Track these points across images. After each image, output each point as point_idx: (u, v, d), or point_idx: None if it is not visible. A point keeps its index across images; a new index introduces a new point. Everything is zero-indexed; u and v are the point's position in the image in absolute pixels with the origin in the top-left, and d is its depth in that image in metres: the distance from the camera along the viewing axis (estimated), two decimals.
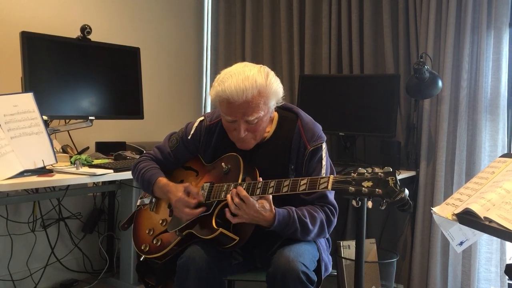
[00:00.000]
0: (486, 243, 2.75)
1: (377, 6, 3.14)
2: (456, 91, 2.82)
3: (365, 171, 1.50)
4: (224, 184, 1.76)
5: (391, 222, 3.10)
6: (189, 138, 1.93)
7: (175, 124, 2.65)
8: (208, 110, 3.94)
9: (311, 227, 1.72)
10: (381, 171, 1.47)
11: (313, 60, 3.41)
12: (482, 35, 2.70)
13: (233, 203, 1.66)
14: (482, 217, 1.33)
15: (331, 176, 1.54)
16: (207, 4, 3.92)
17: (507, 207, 1.32)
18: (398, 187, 1.43)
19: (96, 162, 2.48)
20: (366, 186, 1.47)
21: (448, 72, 2.80)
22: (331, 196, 1.81)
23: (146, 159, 2.01)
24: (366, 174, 1.49)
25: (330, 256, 1.91)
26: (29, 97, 2.26)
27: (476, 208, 1.36)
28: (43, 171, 2.16)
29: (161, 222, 1.92)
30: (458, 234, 1.60)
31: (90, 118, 2.80)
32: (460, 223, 1.44)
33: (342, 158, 3.14)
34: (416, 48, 2.98)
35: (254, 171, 1.78)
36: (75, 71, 2.74)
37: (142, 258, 1.89)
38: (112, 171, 2.32)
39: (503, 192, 1.37)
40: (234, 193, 1.66)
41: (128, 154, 2.72)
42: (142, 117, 3.07)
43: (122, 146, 2.92)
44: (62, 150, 2.74)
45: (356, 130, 2.99)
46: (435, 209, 1.54)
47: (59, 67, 2.68)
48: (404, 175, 2.83)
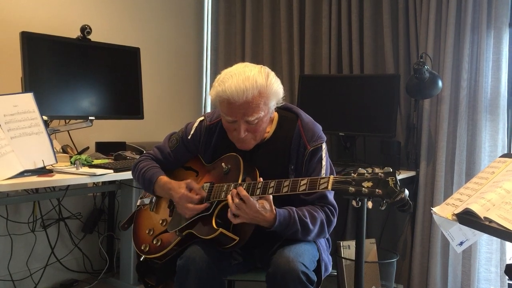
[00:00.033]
0: (486, 243, 2.75)
1: (377, 6, 3.14)
2: (456, 91, 2.82)
3: (365, 172, 1.50)
4: (224, 184, 1.76)
5: (391, 222, 3.10)
6: (189, 138, 1.93)
7: (175, 124, 2.65)
8: (208, 110, 3.94)
9: (311, 227, 1.72)
10: (381, 172, 1.47)
11: (313, 60, 3.41)
12: (482, 35, 2.70)
13: (233, 204, 1.66)
14: (482, 217, 1.33)
15: (331, 177, 1.54)
16: (207, 4, 3.92)
17: (507, 207, 1.32)
18: (398, 188, 1.43)
19: (96, 162, 2.48)
20: (366, 187, 1.47)
21: (448, 72, 2.80)
22: (331, 196, 1.81)
23: (146, 159, 2.01)
24: (366, 174, 1.49)
25: (330, 256, 1.91)
26: (29, 97, 2.26)
27: (476, 208, 1.36)
28: (43, 171, 2.16)
29: (161, 222, 1.92)
30: (458, 234, 1.60)
31: (90, 118, 2.80)
32: (460, 223, 1.44)
33: (342, 158, 3.14)
34: (416, 48, 2.98)
35: (254, 171, 1.78)
36: (75, 71, 2.74)
37: (142, 258, 1.89)
38: (112, 171, 2.33)
39: (503, 192, 1.37)
40: (235, 193, 1.66)
41: (128, 154, 2.72)
42: (142, 117, 3.07)
43: (122, 146, 2.92)
44: (62, 150, 2.74)
45: (356, 130, 2.99)
46: (435, 209, 1.54)
47: (59, 67, 2.68)
48: (404, 175, 2.83)
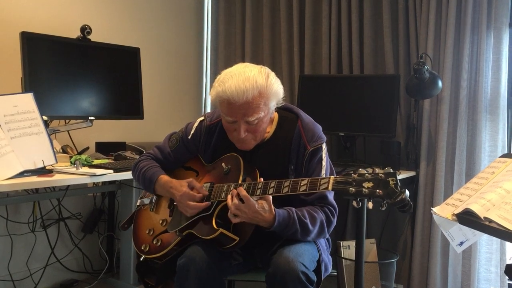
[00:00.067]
0: (486, 243, 2.75)
1: (377, 6, 3.14)
2: (456, 91, 2.82)
3: (365, 172, 1.49)
4: (225, 185, 1.76)
5: (391, 222, 3.10)
6: (189, 138, 1.93)
7: (175, 124, 2.65)
8: (208, 110, 3.94)
9: (311, 227, 1.72)
10: (381, 172, 1.47)
11: (313, 60, 3.41)
12: (482, 35, 2.70)
13: (232, 203, 1.66)
14: (482, 217, 1.33)
15: (332, 177, 1.54)
16: (207, 4, 3.92)
17: (507, 207, 1.32)
18: (398, 188, 1.43)
19: (96, 162, 2.48)
20: (366, 187, 1.47)
21: (448, 72, 2.80)
22: (331, 197, 1.81)
23: (146, 159, 2.01)
24: (367, 175, 1.49)
25: (330, 256, 1.91)
26: (29, 97, 2.26)
27: (476, 208, 1.36)
28: (43, 171, 2.16)
29: (161, 222, 1.92)
30: (458, 234, 1.60)
31: (90, 118, 2.80)
32: (460, 223, 1.44)
33: (342, 158, 3.14)
34: (416, 48, 2.98)
35: (254, 171, 1.78)
36: (75, 71, 2.74)
37: (142, 258, 1.89)
38: (112, 171, 2.33)
39: (503, 192, 1.37)
40: (235, 193, 1.66)
41: (128, 154, 2.72)
42: (142, 117, 3.07)
43: (122, 146, 2.92)
44: (62, 150, 2.74)
45: (356, 130, 2.99)
46: (435, 209, 1.54)
47: (59, 67, 2.68)
48: (404, 175, 2.83)
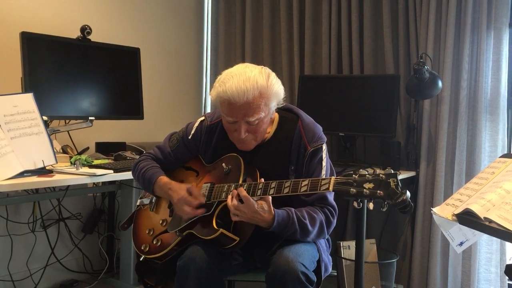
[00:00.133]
0: (486, 244, 2.75)
1: (377, 6, 3.14)
2: (456, 92, 2.82)
3: (366, 173, 1.49)
4: (225, 185, 1.76)
5: (391, 223, 3.10)
6: (189, 138, 1.93)
7: (175, 124, 2.65)
8: (208, 110, 3.94)
9: (310, 228, 1.72)
10: (382, 173, 1.47)
11: (313, 61, 3.41)
12: (482, 35, 2.70)
13: (232, 204, 1.65)
14: (482, 217, 1.33)
15: (333, 178, 1.54)
16: (207, 4, 3.92)
17: (507, 208, 1.32)
18: (399, 189, 1.42)
19: (96, 162, 2.48)
20: (367, 188, 1.46)
21: (448, 73, 2.80)
22: (331, 197, 1.81)
23: (147, 159, 2.01)
24: (368, 175, 1.48)
25: (330, 257, 1.91)
26: (29, 97, 2.26)
27: (476, 208, 1.36)
28: (43, 172, 2.16)
29: (161, 222, 1.92)
30: (458, 235, 1.60)
31: (90, 118, 2.79)
32: (460, 223, 1.44)
33: (342, 159, 3.14)
34: (416, 49, 2.98)
35: (255, 172, 1.78)
36: (75, 71, 2.74)
37: (142, 258, 1.89)
38: (112, 171, 2.33)
39: (503, 193, 1.37)
40: (235, 194, 1.66)
41: (128, 154, 2.72)
42: (142, 117, 3.07)
43: (122, 146, 2.92)
44: (62, 151, 2.73)
45: (356, 131, 2.99)
46: (435, 209, 1.54)
47: (59, 67, 2.68)
48: (404, 175, 2.83)
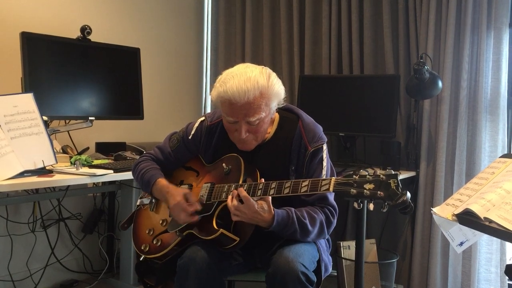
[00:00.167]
0: (486, 244, 2.75)
1: (377, 6, 3.14)
2: (456, 92, 2.82)
3: (366, 173, 1.49)
4: (225, 185, 1.76)
5: (391, 223, 3.10)
6: (189, 138, 1.93)
7: (175, 124, 2.65)
8: (208, 110, 3.94)
9: (310, 228, 1.72)
10: (382, 174, 1.47)
11: (313, 61, 3.41)
12: (482, 35, 2.70)
13: (232, 204, 1.65)
14: (482, 217, 1.34)
15: (333, 178, 1.54)
16: (207, 4, 3.92)
17: (507, 208, 1.32)
18: (400, 190, 1.42)
19: (96, 162, 2.48)
20: (367, 189, 1.46)
21: (448, 73, 2.80)
22: (331, 198, 1.81)
23: (147, 159, 2.01)
24: (368, 176, 1.48)
25: (330, 257, 1.91)
26: (29, 97, 2.26)
27: (476, 208, 1.36)
28: (43, 172, 2.16)
29: (161, 222, 1.92)
30: (458, 235, 1.60)
31: (90, 118, 2.79)
32: (460, 223, 1.44)
33: (342, 159, 3.14)
34: (416, 49, 2.98)
35: (255, 172, 1.78)
36: (75, 71, 2.74)
37: (142, 258, 1.89)
38: (112, 171, 2.33)
39: (503, 193, 1.37)
40: (235, 194, 1.66)
41: (128, 154, 2.71)
42: (142, 117, 3.07)
43: (122, 146, 2.92)
44: (62, 151, 2.73)
45: (356, 131, 2.99)
46: (435, 209, 1.54)
47: (59, 68, 2.68)
48: (404, 175, 2.82)
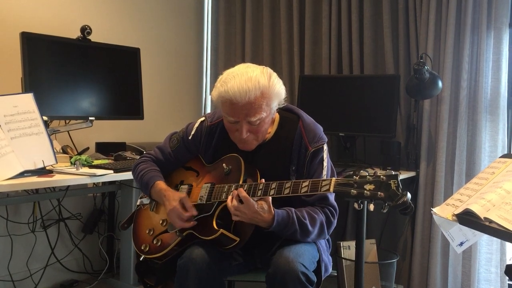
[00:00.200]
0: (486, 244, 2.75)
1: (377, 6, 3.14)
2: (456, 92, 2.82)
3: (367, 174, 1.49)
4: (225, 185, 1.76)
5: (391, 223, 3.10)
6: (189, 138, 1.93)
7: (175, 124, 2.65)
8: (208, 110, 3.94)
9: (310, 228, 1.72)
10: (383, 174, 1.47)
11: (313, 61, 3.41)
12: (482, 35, 2.70)
13: (231, 204, 1.65)
14: (482, 217, 1.34)
15: (333, 179, 1.54)
16: (207, 4, 3.92)
17: (507, 208, 1.32)
18: (400, 191, 1.42)
19: (96, 162, 2.47)
20: (368, 189, 1.46)
21: (448, 73, 2.80)
22: (332, 198, 1.81)
23: (147, 160, 2.01)
24: (368, 177, 1.48)
25: (330, 257, 1.91)
26: (29, 97, 2.26)
27: (476, 208, 1.36)
28: (43, 172, 2.16)
29: (161, 222, 1.92)
30: (458, 235, 1.60)
31: (90, 118, 2.79)
32: (460, 223, 1.44)
33: (342, 159, 3.14)
34: (416, 49, 2.98)
35: (255, 172, 1.78)
36: (75, 71, 2.74)
37: (142, 258, 1.89)
38: (112, 171, 2.33)
39: (503, 193, 1.37)
40: (235, 194, 1.66)
41: (128, 154, 2.71)
42: (142, 117, 3.07)
43: (122, 146, 2.92)
44: (62, 151, 2.74)
45: (356, 131, 2.99)
46: (435, 209, 1.54)
47: (59, 68, 2.68)
48: (404, 175, 2.82)
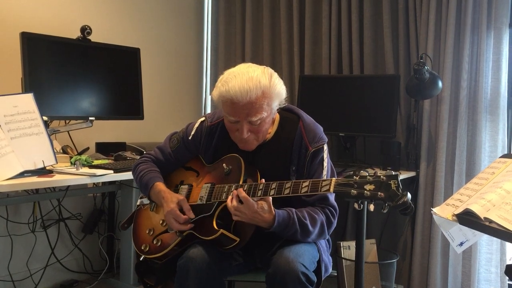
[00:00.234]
0: (486, 244, 2.75)
1: (377, 6, 3.14)
2: (456, 92, 2.82)
3: (367, 174, 1.49)
4: (225, 185, 1.76)
5: (391, 223, 3.10)
6: (189, 138, 1.93)
7: (175, 124, 2.65)
8: (208, 110, 3.95)
9: (311, 228, 1.72)
10: (383, 174, 1.47)
11: (313, 61, 3.41)
12: (482, 35, 2.70)
13: (231, 205, 1.65)
14: (482, 217, 1.34)
15: (333, 179, 1.54)
16: (207, 4, 3.92)
17: (507, 208, 1.32)
18: (400, 191, 1.42)
19: (96, 162, 2.48)
20: (368, 189, 1.46)
21: (448, 73, 2.80)
22: (332, 198, 1.81)
23: (147, 161, 2.01)
24: (368, 177, 1.48)
25: (330, 257, 1.91)
26: (29, 97, 2.26)
27: (476, 208, 1.36)
28: (43, 172, 2.16)
29: (161, 222, 1.91)
30: (458, 235, 1.60)
31: (90, 118, 2.79)
32: (460, 223, 1.44)
33: (342, 159, 3.14)
34: (416, 49, 2.98)
35: (255, 172, 1.78)
36: (75, 71, 2.74)
37: (142, 258, 1.89)
38: (112, 171, 2.33)
39: (503, 193, 1.37)
40: (235, 194, 1.66)
41: (128, 154, 2.71)
42: (142, 117, 3.07)
43: (122, 146, 2.92)
44: (62, 151, 2.73)
45: (356, 131, 2.99)
46: (435, 209, 1.54)
47: (59, 68, 2.68)
48: (404, 175, 2.82)
